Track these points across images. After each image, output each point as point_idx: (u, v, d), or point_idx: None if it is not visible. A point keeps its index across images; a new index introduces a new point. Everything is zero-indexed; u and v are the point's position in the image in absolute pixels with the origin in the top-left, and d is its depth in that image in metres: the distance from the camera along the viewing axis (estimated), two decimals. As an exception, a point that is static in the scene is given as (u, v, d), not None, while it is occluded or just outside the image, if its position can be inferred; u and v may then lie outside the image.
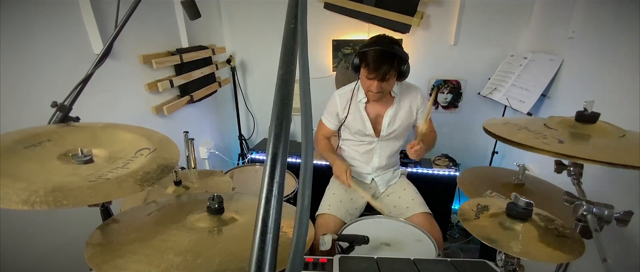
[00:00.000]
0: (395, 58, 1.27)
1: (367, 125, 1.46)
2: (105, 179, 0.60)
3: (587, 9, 1.47)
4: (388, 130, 1.47)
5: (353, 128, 1.49)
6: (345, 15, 2.20)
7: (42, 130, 0.71)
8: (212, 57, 2.15)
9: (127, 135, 0.78)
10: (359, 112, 1.46)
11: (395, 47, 1.28)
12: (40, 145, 0.66)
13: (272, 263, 0.26)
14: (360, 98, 1.44)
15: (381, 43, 1.29)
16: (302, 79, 0.32)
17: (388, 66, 1.25)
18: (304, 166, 0.28)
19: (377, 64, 1.25)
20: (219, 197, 0.75)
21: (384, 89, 1.32)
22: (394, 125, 1.47)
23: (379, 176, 1.57)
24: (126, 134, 0.78)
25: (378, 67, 1.25)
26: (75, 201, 0.53)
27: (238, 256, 0.61)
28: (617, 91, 1.24)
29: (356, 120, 1.47)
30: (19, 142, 0.65)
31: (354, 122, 1.47)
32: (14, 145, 0.63)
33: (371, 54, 1.26)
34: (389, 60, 1.26)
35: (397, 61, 1.28)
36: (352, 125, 1.49)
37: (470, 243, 2.21)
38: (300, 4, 0.33)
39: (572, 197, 0.75)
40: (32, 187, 0.53)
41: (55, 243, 1.19)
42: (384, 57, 1.25)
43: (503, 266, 0.81)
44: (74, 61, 1.22)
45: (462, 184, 1.11)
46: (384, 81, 1.29)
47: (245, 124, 2.74)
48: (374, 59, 1.26)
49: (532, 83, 1.73)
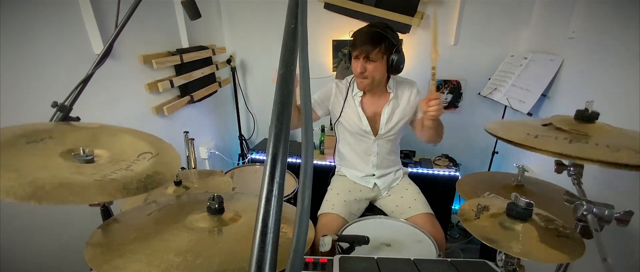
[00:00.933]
0: (381, 38, 1.26)
1: (363, 121, 1.44)
2: (111, 179, 0.60)
3: (587, 9, 1.47)
4: (386, 128, 1.44)
5: (349, 123, 1.47)
6: (345, 15, 2.20)
7: (43, 127, 0.71)
8: (212, 57, 2.15)
9: (127, 137, 0.78)
10: (354, 106, 1.45)
11: (385, 30, 1.27)
12: (42, 141, 0.66)
13: (272, 263, 0.26)
14: (355, 91, 1.44)
15: (373, 25, 1.31)
16: (302, 79, 0.32)
17: (371, 45, 1.25)
18: (304, 166, 0.28)
19: (361, 41, 1.26)
20: (219, 197, 0.75)
21: (369, 72, 1.31)
22: (392, 122, 1.45)
23: (381, 179, 1.55)
24: (126, 136, 0.78)
25: (361, 43, 1.26)
26: (81, 198, 0.54)
27: (238, 256, 0.61)
28: (617, 91, 1.24)
29: (352, 115, 1.45)
30: (21, 137, 0.65)
31: (350, 116, 1.46)
32: (16, 139, 0.63)
33: (359, 33, 1.29)
34: (374, 39, 1.25)
35: (385, 45, 1.27)
36: (347, 120, 1.47)
37: (470, 243, 2.21)
38: (300, 4, 0.33)
39: (572, 197, 0.75)
40: (37, 182, 0.52)
41: (55, 243, 1.19)
42: (369, 35, 1.26)
43: (503, 266, 0.81)
44: (74, 61, 1.22)
45: (461, 190, 1.11)
46: (368, 62, 1.29)
47: (245, 124, 2.74)
48: (360, 37, 1.28)
49: (532, 83, 1.73)
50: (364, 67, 1.30)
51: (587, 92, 1.42)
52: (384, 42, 1.26)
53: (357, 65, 1.31)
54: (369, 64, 1.29)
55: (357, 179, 1.57)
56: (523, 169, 1.11)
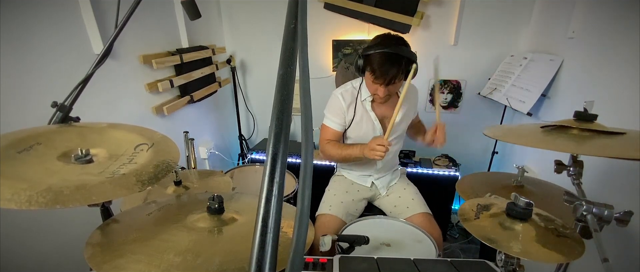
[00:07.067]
0: (402, 60, 1.18)
1: (377, 126, 1.39)
2: (121, 175, 0.61)
3: (587, 9, 1.47)
4: (396, 131, 1.43)
5: (360, 130, 1.41)
6: (345, 15, 2.20)
7: (26, 134, 0.70)
8: (212, 57, 2.15)
9: (117, 132, 0.78)
10: (366, 112, 1.38)
11: (402, 48, 1.20)
12: (32, 149, 0.66)
13: (272, 263, 0.26)
14: (364, 97, 1.37)
15: (387, 44, 1.20)
16: (302, 79, 0.32)
17: (395, 70, 1.18)
18: (304, 166, 0.28)
19: (384, 69, 1.18)
20: (219, 197, 0.75)
21: (391, 92, 1.28)
22: (402, 125, 1.45)
23: (379, 179, 1.55)
24: (116, 131, 0.78)
25: (385, 73, 1.18)
26: (102, 195, 0.55)
27: (238, 256, 0.61)
28: (617, 91, 1.24)
29: (364, 122, 1.40)
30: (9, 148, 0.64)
31: (362, 125, 1.40)
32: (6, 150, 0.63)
33: (377, 57, 1.19)
34: (396, 63, 1.18)
35: (405, 62, 1.19)
36: (359, 128, 1.40)
37: (470, 243, 2.21)
38: (300, 4, 0.33)
39: (572, 197, 0.75)
40: (54, 188, 0.53)
41: (55, 243, 1.19)
42: (390, 61, 1.17)
43: (503, 266, 0.81)
44: (74, 61, 1.22)
45: (461, 190, 1.11)
46: (390, 85, 1.23)
47: (245, 124, 2.74)
48: (379, 64, 1.18)
49: (532, 83, 1.73)
50: (388, 90, 1.25)
51: (587, 92, 1.42)
52: (403, 62, 1.19)
53: (379, 89, 1.24)
54: (392, 86, 1.24)
55: (355, 178, 1.57)
56: (523, 170, 1.11)
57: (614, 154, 0.67)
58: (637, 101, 1.12)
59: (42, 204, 0.50)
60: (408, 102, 1.44)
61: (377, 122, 1.39)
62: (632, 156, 0.62)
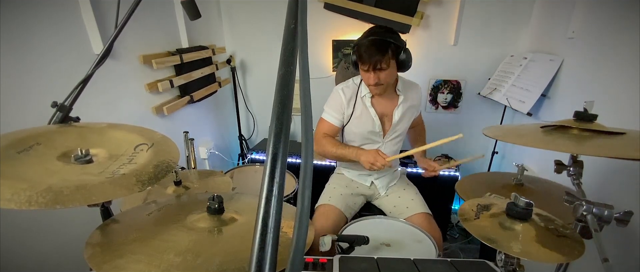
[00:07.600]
0: (387, 46, 1.23)
1: (376, 123, 1.40)
2: (121, 175, 0.61)
3: (587, 9, 1.47)
4: (396, 130, 1.44)
5: (359, 126, 1.42)
6: (345, 15, 2.20)
7: (26, 135, 0.70)
8: (212, 57, 2.15)
9: (116, 133, 0.78)
10: (366, 109, 1.40)
11: (388, 34, 1.24)
12: (32, 149, 0.66)
13: (272, 263, 0.26)
14: (364, 93, 1.39)
15: (374, 33, 1.26)
16: (302, 79, 0.32)
17: (380, 55, 1.22)
18: (304, 166, 0.28)
19: (368, 54, 1.22)
20: (219, 197, 0.75)
21: (382, 80, 1.28)
22: (402, 124, 1.45)
23: (379, 179, 1.55)
24: (115, 132, 0.78)
25: (370, 57, 1.22)
26: (101, 195, 0.55)
27: (238, 256, 0.61)
28: (617, 91, 1.24)
29: (364, 118, 1.41)
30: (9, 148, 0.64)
31: (361, 121, 1.42)
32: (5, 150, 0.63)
33: (363, 45, 1.24)
34: (380, 48, 1.22)
35: (392, 49, 1.24)
36: (358, 124, 1.42)
37: (470, 243, 2.21)
38: (300, 4, 0.33)
39: (572, 197, 0.75)
40: (54, 188, 0.53)
41: (55, 243, 1.19)
42: (374, 46, 1.22)
43: (503, 266, 0.81)
44: (74, 61, 1.22)
45: (461, 191, 1.11)
46: (379, 71, 1.26)
47: (245, 124, 2.74)
48: (365, 49, 1.23)
49: (532, 83, 1.73)
50: (378, 77, 1.27)
51: (587, 92, 1.42)
52: (389, 48, 1.24)
53: (370, 77, 1.27)
54: (381, 72, 1.26)
55: (354, 177, 1.57)
56: (522, 168, 1.11)
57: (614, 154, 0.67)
58: (637, 101, 1.12)
59: (42, 204, 0.50)
60: (409, 99, 1.44)
61: (377, 118, 1.40)
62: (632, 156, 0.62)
